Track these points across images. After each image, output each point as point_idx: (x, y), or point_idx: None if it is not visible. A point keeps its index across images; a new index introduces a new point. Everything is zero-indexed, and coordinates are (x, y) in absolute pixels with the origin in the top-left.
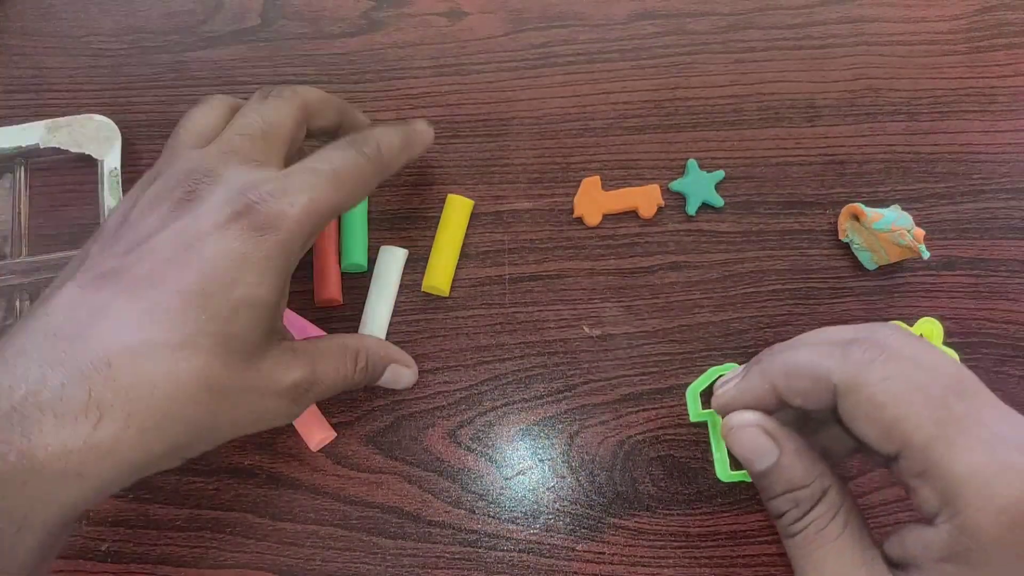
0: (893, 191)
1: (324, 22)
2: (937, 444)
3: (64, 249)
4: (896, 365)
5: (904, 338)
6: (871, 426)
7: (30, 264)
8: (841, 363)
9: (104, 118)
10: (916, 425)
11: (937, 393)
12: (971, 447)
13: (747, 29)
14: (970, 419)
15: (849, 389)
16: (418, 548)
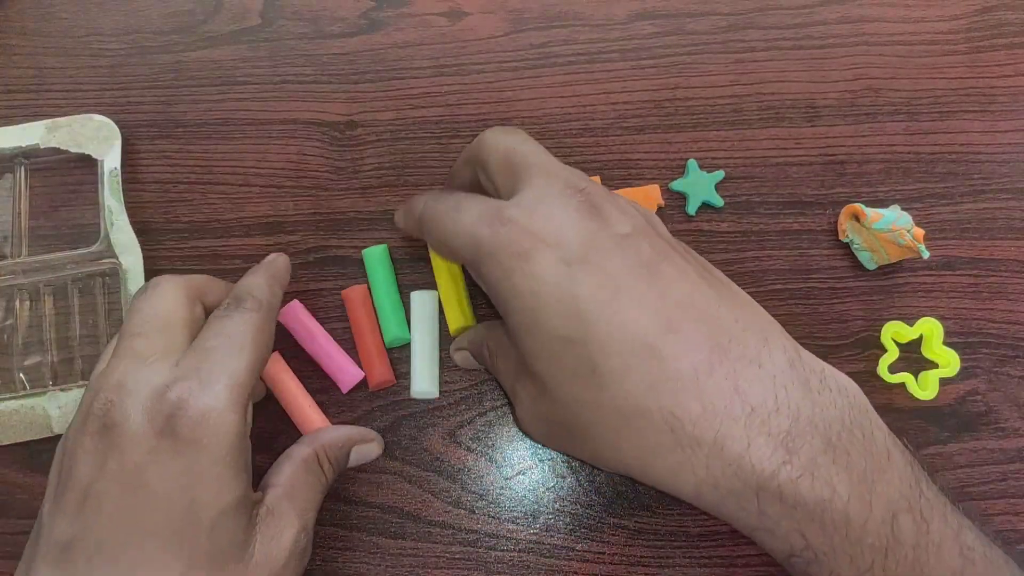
0: (893, 191)
1: (324, 22)
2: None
3: (64, 249)
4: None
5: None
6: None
7: (30, 264)
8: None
9: (104, 118)
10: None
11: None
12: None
13: (747, 29)
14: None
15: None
16: (418, 548)
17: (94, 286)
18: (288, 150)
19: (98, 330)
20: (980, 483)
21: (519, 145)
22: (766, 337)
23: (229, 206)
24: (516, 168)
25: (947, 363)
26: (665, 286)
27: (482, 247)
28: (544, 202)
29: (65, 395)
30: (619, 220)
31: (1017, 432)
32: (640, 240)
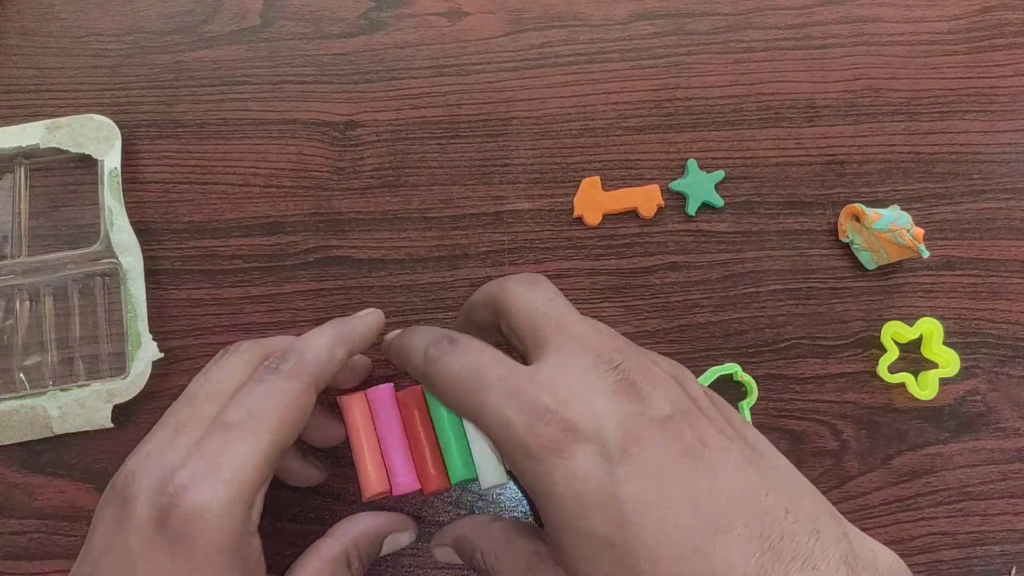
0: (893, 191)
1: (324, 22)
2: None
3: (64, 249)
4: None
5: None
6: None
7: (30, 264)
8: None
9: (104, 118)
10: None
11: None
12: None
13: (747, 29)
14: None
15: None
16: (418, 548)
17: (94, 286)
18: (288, 150)
19: (98, 330)
20: (980, 483)
21: (546, 304)
22: (818, 529)
23: (229, 206)
24: (542, 331)
25: (947, 363)
26: (712, 477)
27: (515, 437)
28: (577, 382)
29: (65, 395)
30: (658, 399)
31: (1017, 432)
32: (681, 423)
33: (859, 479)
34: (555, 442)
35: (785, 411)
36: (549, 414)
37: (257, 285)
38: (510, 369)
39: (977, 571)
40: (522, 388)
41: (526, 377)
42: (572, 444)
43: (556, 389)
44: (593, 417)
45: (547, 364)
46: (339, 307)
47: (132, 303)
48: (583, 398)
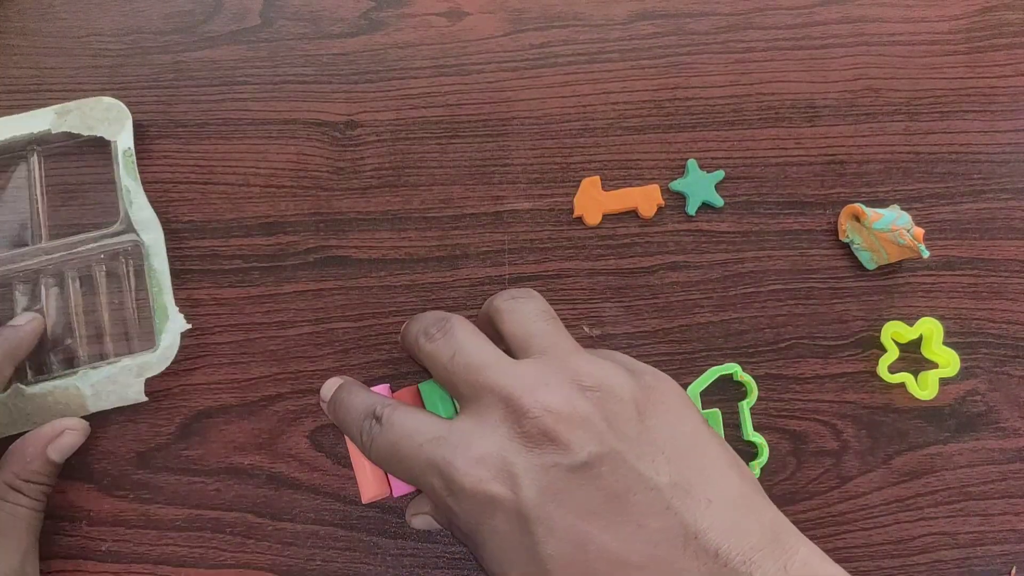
0: (893, 191)
1: (324, 22)
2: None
3: (86, 231)
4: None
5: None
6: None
7: (52, 249)
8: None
9: (113, 99)
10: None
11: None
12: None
13: (747, 29)
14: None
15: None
16: (418, 548)
17: (118, 266)
18: (288, 150)
19: (124, 308)
20: (980, 483)
21: (454, 358)
22: (751, 559)
23: (229, 206)
24: (457, 385)
25: (947, 363)
26: (634, 525)
27: (439, 498)
28: (491, 438)
29: (96, 373)
30: (575, 443)
31: (1017, 432)
32: (600, 466)
33: (859, 479)
34: (475, 505)
35: (785, 411)
36: (463, 480)
37: (257, 285)
38: (428, 433)
39: (977, 571)
40: (436, 454)
41: (442, 440)
42: (491, 504)
43: (469, 449)
44: (507, 476)
45: (463, 422)
46: (339, 307)
47: (156, 277)
48: (495, 455)
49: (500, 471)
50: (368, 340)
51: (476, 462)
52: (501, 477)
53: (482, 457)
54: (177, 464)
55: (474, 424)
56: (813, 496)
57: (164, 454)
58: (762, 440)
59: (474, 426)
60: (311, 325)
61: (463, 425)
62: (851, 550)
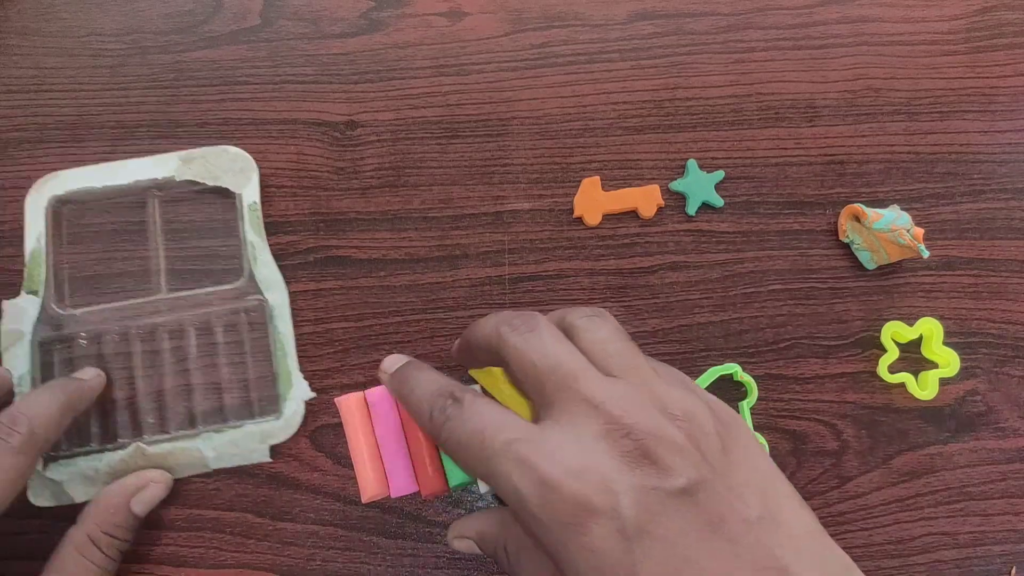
0: (893, 191)
1: (324, 22)
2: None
3: (203, 284)
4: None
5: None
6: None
7: (173, 302)
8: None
9: (239, 150)
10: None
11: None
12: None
13: (747, 29)
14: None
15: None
16: (418, 548)
17: (238, 323)
18: (288, 150)
19: (245, 368)
20: (980, 483)
21: (546, 357)
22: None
23: None
24: (545, 388)
25: (947, 363)
26: (731, 555)
27: (526, 508)
28: (588, 451)
29: (219, 436)
30: (674, 469)
31: (1017, 432)
32: (697, 494)
33: (859, 479)
34: (568, 516)
35: (785, 411)
36: (559, 488)
37: None
38: (517, 432)
39: (977, 571)
40: (529, 457)
41: (534, 443)
42: (587, 520)
43: (565, 459)
44: (606, 491)
45: (554, 429)
46: (339, 307)
47: (281, 341)
48: (595, 470)
49: (600, 486)
50: (368, 340)
51: (575, 473)
52: (601, 492)
53: (582, 469)
54: None
55: (569, 434)
56: (813, 496)
57: None
58: (762, 440)
59: (569, 436)
60: (311, 325)
61: (555, 433)
62: (851, 550)
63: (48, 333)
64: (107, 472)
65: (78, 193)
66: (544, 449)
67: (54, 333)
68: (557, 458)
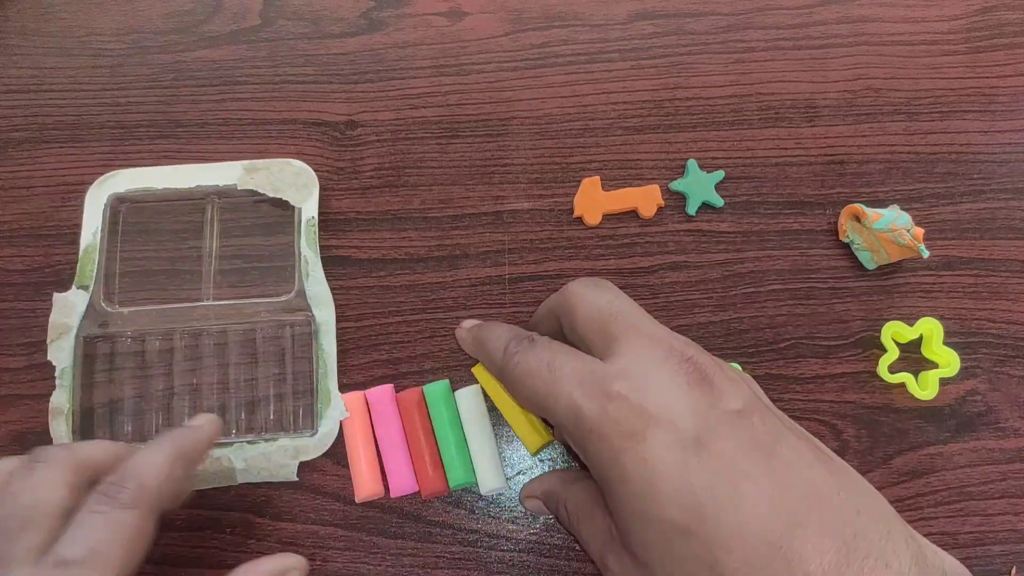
0: (893, 191)
1: (324, 22)
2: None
3: (252, 293)
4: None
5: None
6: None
7: (221, 309)
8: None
9: (303, 164)
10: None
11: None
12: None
13: (747, 29)
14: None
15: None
16: (418, 548)
17: (283, 336)
18: (288, 150)
19: (284, 382)
20: (980, 483)
21: (612, 302)
22: (888, 530)
23: None
24: (610, 328)
25: (947, 363)
26: (784, 472)
27: (585, 422)
28: (651, 372)
29: (252, 448)
30: (730, 392)
31: (1017, 432)
32: (752, 416)
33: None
34: (625, 423)
35: (785, 411)
36: (621, 399)
37: None
38: (584, 362)
39: (977, 571)
40: (594, 376)
41: (599, 367)
42: (645, 429)
43: (629, 377)
44: (667, 405)
45: (620, 357)
46: (339, 307)
47: (324, 358)
48: (657, 386)
49: (660, 399)
50: (368, 340)
51: (637, 388)
52: (661, 404)
53: (645, 386)
54: None
55: (632, 360)
56: None
57: None
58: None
59: (632, 361)
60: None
61: (619, 361)
62: None
63: (94, 329)
64: None
65: (138, 193)
66: (608, 371)
67: (99, 329)
68: (619, 377)
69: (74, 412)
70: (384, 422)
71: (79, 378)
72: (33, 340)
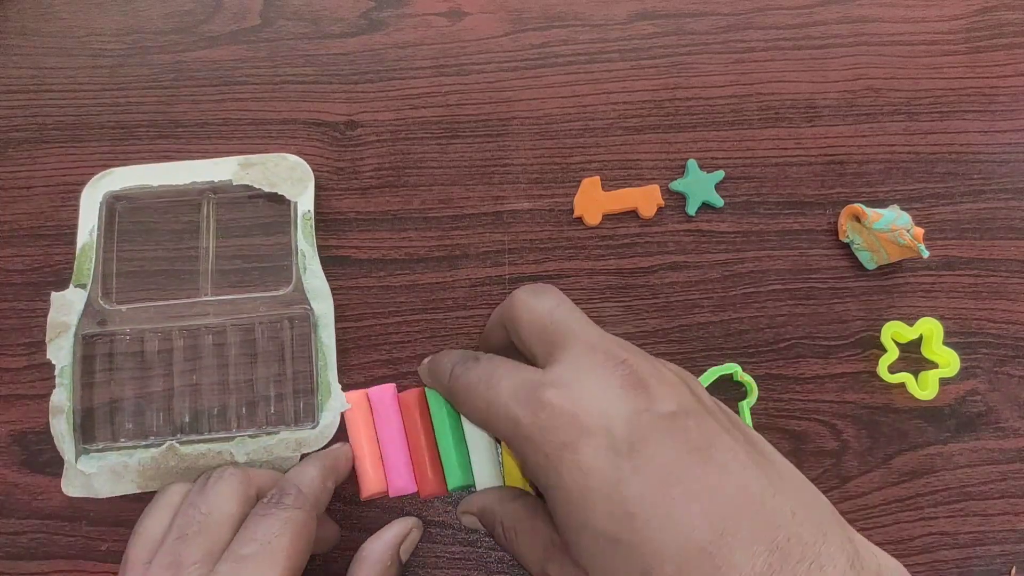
0: (893, 191)
1: (324, 22)
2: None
3: (249, 288)
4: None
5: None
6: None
7: (219, 304)
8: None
9: (297, 158)
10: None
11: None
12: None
13: (747, 29)
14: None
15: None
16: (418, 548)
17: (281, 329)
18: (288, 150)
19: (284, 375)
20: (980, 483)
21: (554, 310)
22: (824, 532)
23: None
24: (551, 336)
25: (947, 363)
26: (718, 477)
27: (520, 430)
28: (585, 378)
29: (253, 442)
30: (664, 395)
31: (1017, 432)
32: (687, 419)
33: (859, 479)
34: (561, 433)
35: (785, 411)
36: (553, 408)
37: None
38: (522, 372)
39: (977, 571)
40: (530, 385)
41: (536, 376)
42: (578, 438)
43: (563, 385)
44: (600, 411)
45: (558, 365)
46: (339, 307)
47: (324, 351)
48: (591, 393)
49: (594, 407)
50: (368, 340)
51: (569, 396)
52: (595, 412)
53: (578, 393)
54: None
55: (568, 369)
56: None
57: None
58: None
59: (568, 370)
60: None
61: (555, 369)
62: None
63: (92, 327)
64: (136, 469)
65: (134, 190)
66: (543, 379)
67: (98, 327)
68: (553, 386)
69: (74, 410)
70: (385, 423)
71: (79, 376)
72: (33, 340)
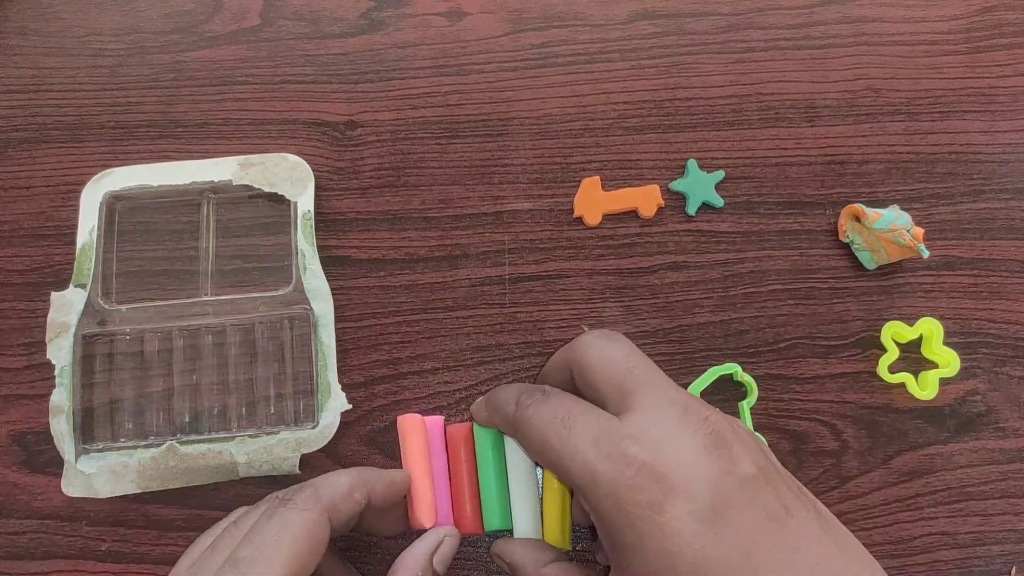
0: (893, 191)
1: (324, 22)
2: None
3: (249, 288)
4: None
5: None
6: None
7: (219, 304)
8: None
9: (297, 158)
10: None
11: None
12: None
13: (747, 29)
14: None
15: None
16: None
17: (281, 329)
18: (288, 150)
19: (284, 375)
20: (980, 483)
21: (628, 357)
22: None
23: None
24: (627, 383)
25: (947, 363)
26: (794, 546)
27: (600, 486)
28: (668, 434)
29: (253, 442)
30: (744, 457)
31: (1017, 432)
32: (765, 486)
33: (859, 479)
34: (645, 493)
35: (785, 411)
36: (638, 464)
37: None
38: (599, 418)
39: (977, 571)
40: (610, 435)
41: (615, 426)
42: (663, 498)
43: (646, 440)
44: (685, 471)
45: (635, 415)
46: (339, 307)
47: (324, 352)
48: (674, 450)
49: (678, 465)
50: (368, 340)
51: (653, 453)
52: (679, 470)
53: (662, 450)
54: None
55: (649, 419)
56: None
57: None
58: (763, 440)
59: (650, 421)
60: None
61: (635, 418)
62: None
63: (92, 327)
64: (136, 469)
65: (133, 190)
66: (623, 431)
67: (98, 327)
68: (635, 439)
69: (74, 410)
70: (432, 452)
71: (79, 376)
72: (33, 340)
